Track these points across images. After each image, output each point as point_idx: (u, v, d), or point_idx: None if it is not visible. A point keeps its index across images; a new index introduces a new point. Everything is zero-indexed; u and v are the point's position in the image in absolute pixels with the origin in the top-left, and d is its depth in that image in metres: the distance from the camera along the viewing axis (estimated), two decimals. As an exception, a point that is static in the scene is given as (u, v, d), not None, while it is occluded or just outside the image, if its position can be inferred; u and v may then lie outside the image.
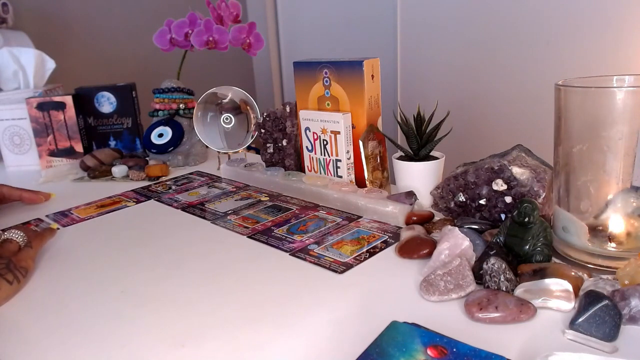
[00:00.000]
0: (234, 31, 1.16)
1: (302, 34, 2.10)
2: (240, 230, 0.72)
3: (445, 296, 0.50)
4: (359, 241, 0.65)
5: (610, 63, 1.31)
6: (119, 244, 0.71)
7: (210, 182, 0.97)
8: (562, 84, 0.53)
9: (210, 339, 0.47)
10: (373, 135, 0.80)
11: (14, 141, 1.16)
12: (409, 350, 0.39)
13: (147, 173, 1.02)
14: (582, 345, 0.42)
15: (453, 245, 0.55)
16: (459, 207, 0.68)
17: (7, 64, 1.24)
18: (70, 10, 1.68)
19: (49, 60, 1.29)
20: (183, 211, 0.82)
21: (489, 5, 1.51)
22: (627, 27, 1.27)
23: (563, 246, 0.57)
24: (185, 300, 0.54)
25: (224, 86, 1.01)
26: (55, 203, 0.90)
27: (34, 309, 0.54)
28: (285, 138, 0.90)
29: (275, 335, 0.47)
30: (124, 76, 1.33)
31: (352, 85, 0.78)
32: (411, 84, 1.77)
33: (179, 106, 1.14)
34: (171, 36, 1.16)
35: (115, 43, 1.78)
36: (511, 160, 0.63)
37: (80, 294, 0.57)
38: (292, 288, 0.55)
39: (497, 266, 0.50)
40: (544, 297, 0.47)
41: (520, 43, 1.47)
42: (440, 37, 1.65)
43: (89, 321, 0.51)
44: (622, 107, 0.49)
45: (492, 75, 1.56)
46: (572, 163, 0.54)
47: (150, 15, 1.74)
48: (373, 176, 0.80)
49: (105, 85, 1.17)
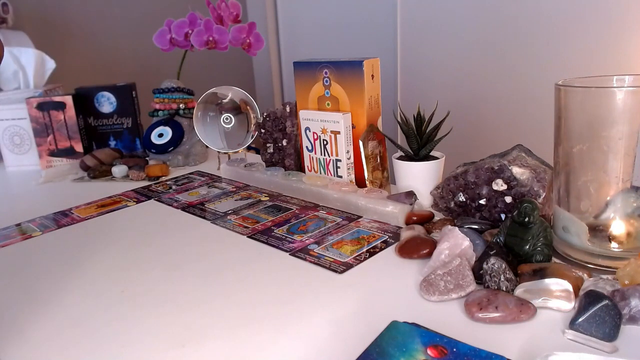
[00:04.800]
0: (234, 31, 1.16)
1: (302, 34, 2.10)
2: (240, 230, 0.72)
3: (445, 296, 0.50)
4: (359, 241, 0.65)
5: (611, 63, 1.31)
6: (119, 243, 0.71)
7: (210, 182, 0.97)
8: (562, 84, 0.53)
9: (210, 339, 0.47)
10: (373, 135, 0.80)
11: (14, 141, 1.16)
12: (409, 350, 0.39)
13: (147, 173, 1.02)
14: (582, 345, 0.42)
15: (453, 245, 0.55)
16: (459, 207, 0.68)
17: (7, 64, 1.24)
18: (70, 10, 1.68)
19: (49, 60, 1.29)
20: (183, 211, 0.82)
21: (489, 5, 1.51)
22: (627, 26, 1.27)
23: (563, 246, 0.57)
24: (186, 300, 0.54)
25: (224, 86, 1.01)
26: (56, 203, 0.90)
27: (34, 309, 0.54)
28: (285, 138, 0.90)
29: (275, 335, 0.47)
30: (124, 76, 1.33)
31: (352, 85, 0.78)
32: (411, 84, 1.77)
33: (179, 106, 1.14)
34: (171, 36, 1.16)
35: (115, 43, 1.77)
36: (511, 160, 0.63)
37: (80, 293, 0.57)
38: (292, 288, 0.55)
39: (497, 266, 0.50)
40: (544, 297, 0.47)
41: (520, 43, 1.47)
42: (440, 37, 1.65)
43: (89, 321, 0.51)
44: (622, 107, 0.49)
45: (492, 75, 1.56)
46: (572, 163, 0.54)
47: (150, 15, 1.74)
48: (373, 176, 0.80)
49: (105, 85, 1.17)
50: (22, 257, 0.68)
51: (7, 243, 0.73)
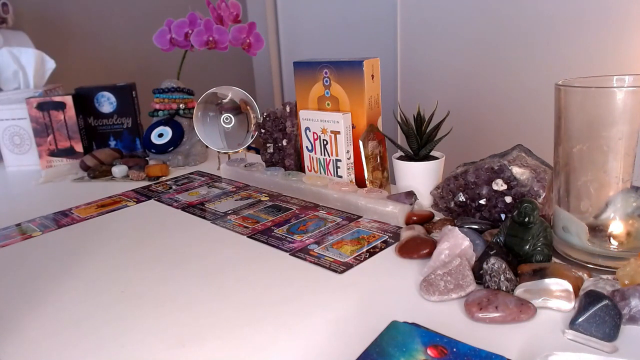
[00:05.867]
0: (234, 31, 1.16)
1: (302, 34, 2.10)
2: (240, 230, 0.72)
3: (445, 296, 0.50)
4: (359, 241, 0.65)
5: (611, 63, 1.31)
6: (119, 243, 0.71)
7: (210, 182, 0.97)
8: (562, 84, 0.53)
9: (210, 339, 0.47)
10: (373, 135, 0.80)
11: (14, 141, 1.16)
12: (409, 350, 0.39)
13: (147, 173, 1.02)
14: (582, 345, 0.42)
15: (453, 245, 0.55)
16: (459, 207, 0.68)
17: (7, 64, 1.24)
18: (70, 10, 1.68)
19: (49, 60, 1.29)
20: (183, 211, 0.82)
21: (489, 5, 1.51)
22: (627, 27, 1.27)
23: (563, 246, 0.57)
24: (186, 300, 0.54)
25: (224, 86, 1.01)
26: (56, 203, 0.90)
27: (34, 309, 0.54)
28: (285, 138, 0.90)
29: (275, 335, 0.47)
30: (124, 76, 1.33)
31: (352, 85, 0.78)
32: (411, 84, 1.77)
33: (179, 106, 1.14)
34: (171, 36, 1.16)
35: (115, 43, 1.77)
36: (511, 160, 0.63)
37: (80, 293, 0.57)
38: (292, 288, 0.55)
39: (497, 266, 0.50)
40: (544, 297, 0.47)
41: (520, 43, 1.47)
42: (440, 37, 1.65)
43: (89, 321, 0.51)
44: (622, 107, 0.49)
45: (492, 75, 1.56)
46: (572, 163, 0.54)
47: (150, 15, 1.74)
48: (373, 176, 0.80)
49: (105, 85, 1.17)
50: (22, 257, 0.68)
51: (7, 243, 0.73)
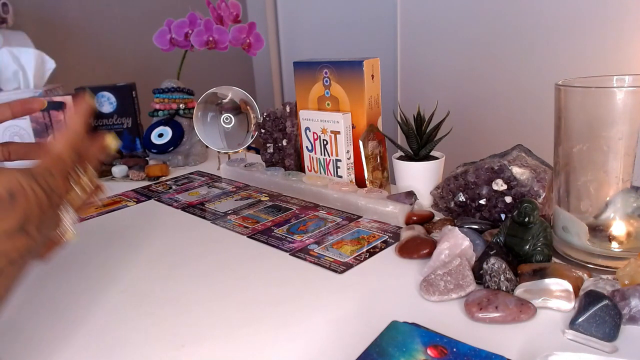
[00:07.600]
0: (234, 31, 1.16)
1: (302, 34, 2.10)
2: (240, 230, 0.72)
3: (445, 296, 0.50)
4: (359, 241, 0.65)
5: (611, 63, 1.31)
6: (119, 243, 0.71)
7: (210, 182, 0.97)
8: (562, 84, 0.53)
9: (210, 339, 0.47)
10: (373, 135, 0.80)
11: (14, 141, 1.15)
12: (409, 350, 0.39)
13: (147, 173, 1.02)
14: (582, 345, 0.42)
15: (453, 245, 0.55)
16: (459, 207, 0.68)
17: (7, 64, 1.24)
18: (70, 10, 1.67)
19: (49, 60, 1.29)
20: (183, 211, 0.82)
21: (489, 5, 1.51)
22: (627, 27, 1.27)
23: (563, 246, 0.57)
24: (185, 300, 0.54)
25: (224, 86, 1.01)
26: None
27: (34, 309, 0.54)
28: (285, 138, 0.90)
29: (275, 335, 0.47)
30: (124, 76, 1.33)
31: (352, 85, 0.78)
32: (411, 84, 1.77)
33: (179, 106, 1.14)
34: (171, 36, 1.16)
35: (115, 43, 1.77)
36: (511, 160, 0.63)
37: (80, 293, 0.57)
38: (292, 288, 0.55)
39: (497, 266, 0.50)
40: (544, 297, 0.47)
41: (520, 43, 1.47)
42: (440, 37, 1.65)
43: (89, 321, 0.51)
44: (622, 107, 0.49)
45: (492, 75, 1.56)
46: (572, 163, 0.54)
47: (150, 15, 1.74)
48: (373, 176, 0.80)
49: (105, 85, 1.17)
50: (22, 257, 0.68)
51: (7, 243, 0.73)
